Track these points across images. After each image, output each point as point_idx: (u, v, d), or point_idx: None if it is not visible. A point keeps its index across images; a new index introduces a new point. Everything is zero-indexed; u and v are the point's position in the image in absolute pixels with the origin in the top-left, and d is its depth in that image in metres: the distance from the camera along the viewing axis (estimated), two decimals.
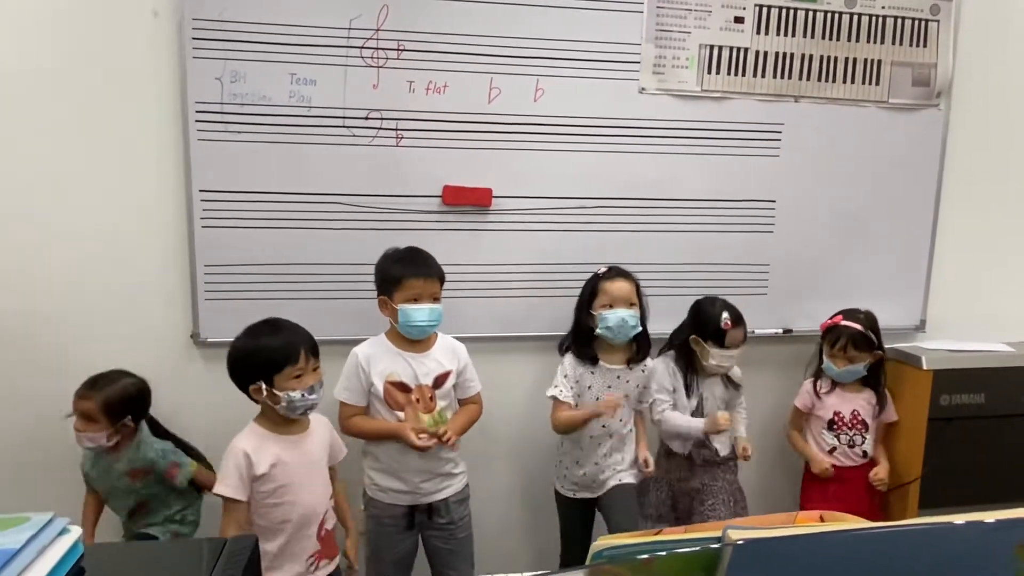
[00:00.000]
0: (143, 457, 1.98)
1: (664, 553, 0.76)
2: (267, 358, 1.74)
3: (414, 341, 2.02)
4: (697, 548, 0.75)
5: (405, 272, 1.97)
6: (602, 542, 0.76)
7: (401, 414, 1.99)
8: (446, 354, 2.06)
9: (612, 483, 2.18)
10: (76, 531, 0.82)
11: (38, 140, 2.05)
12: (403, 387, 1.99)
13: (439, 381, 2.03)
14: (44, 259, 2.10)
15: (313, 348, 1.80)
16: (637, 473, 2.22)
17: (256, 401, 1.78)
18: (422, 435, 1.95)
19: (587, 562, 0.75)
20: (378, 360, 2.00)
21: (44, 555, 0.79)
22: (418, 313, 1.96)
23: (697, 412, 2.27)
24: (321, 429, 1.90)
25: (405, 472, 2.01)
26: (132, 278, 2.16)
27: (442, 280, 2.03)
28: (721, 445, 2.27)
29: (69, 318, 2.13)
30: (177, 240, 2.15)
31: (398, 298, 1.97)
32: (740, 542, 0.72)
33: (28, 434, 2.15)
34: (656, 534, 0.79)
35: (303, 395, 1.74)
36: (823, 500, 2.30)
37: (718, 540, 0.73)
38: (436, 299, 2.00)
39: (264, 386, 1.73)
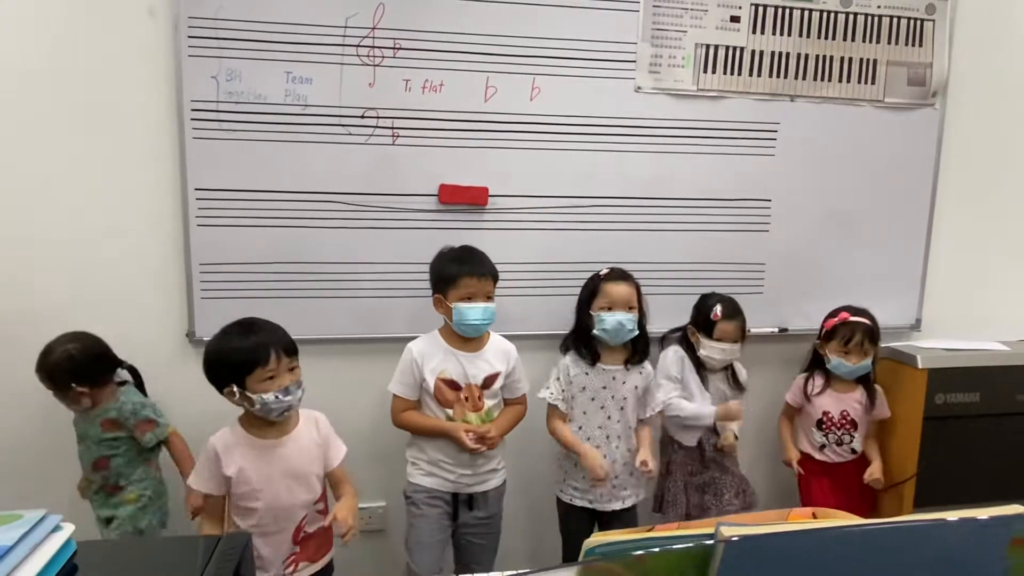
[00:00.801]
0: (118, 407, 2.00)
1: (657, 550, 0.76)
2: (237, 360, 1.68)
3: (467, 339, 2.04)
4: (690, 545, 0.75)
5: (461, 271, 1.99)
6: (595, 539, 0.76)
7: (450, 411, 2.01)
8: (497, 355, 2.08)
9: (615, 504, 2.19)
10: (69, 528, 0.82)
11: (33, 139, 2.04)
12: (453, 385, 2.02)
13: (488, 382, 2.05)
14: (39, 258, 2.10)
15: (288, 348, 1.73)
16: (642, 491, 2.24)
17: (233, 404, 1.74)
18: (470, 434, 1.98)
19: (580, 559, 0.75)
20: (432, 357, 2.02)
21: (37, 552, 0.79)
22: (472, 312, 1.98)
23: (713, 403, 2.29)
24: (310, 432, 1.82)
25: (449, 464, 2.04)
26: (127, 276, 2.15)
27: (496, 279, 2.04)
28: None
29: (65, 317, 2.12)
30: (172, 239, 2.15)
31: (453, 296, 1.98)
32: (733, 539, 0.72)
33: (21, 432, 2.14)
34: (649, 531, 0.79)
35: (277, 397, 1.69)
36: (820, 494, 2.31)
37: (711, 537, 0.74)
38: (490, 298, 2.02)
39: (236, 389, 1.69)
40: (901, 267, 2.63)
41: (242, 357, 1.68)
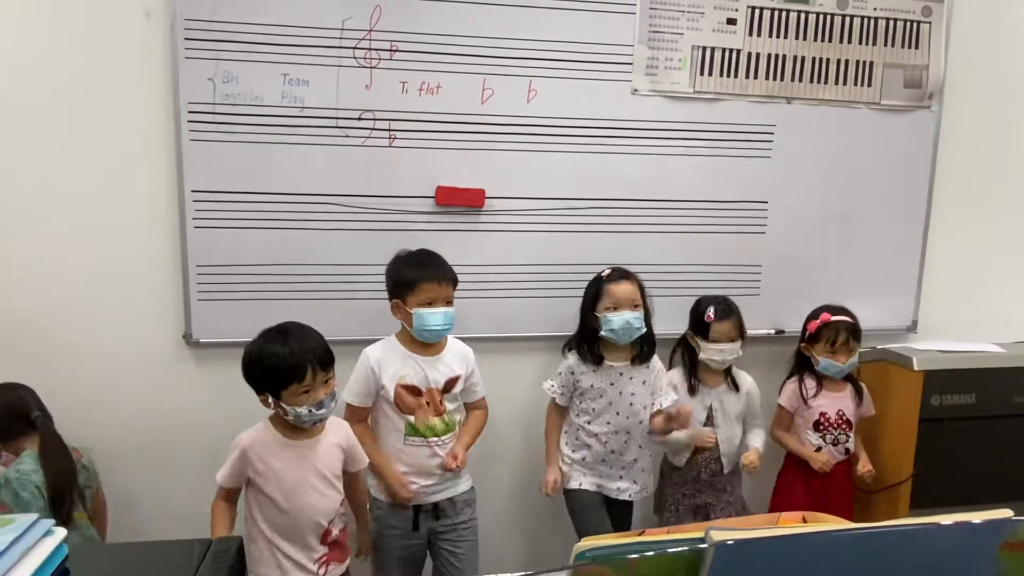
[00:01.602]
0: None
1: (650, 553, 0.76)
2: (273, 371, 1.69)
3: (426, 344, 2.02)
4: (681, 548, 0.75)
5: (420, 276, 1.96)
6: (585, 543, 0.76)
7: (411, 417, 1.99)
8: (456, 358, 2.06)
9: (622, 495, 2.20)
10: (60, 533, 0.82)
11: (29, 141, 2.04)
12: (414, 390, 1.99)
13: (448, 385, 2.03)
14: (36, 260, 2.09)
15: (324, 360, 1.73)
16: (646, 491, 2.26)
17: (267, 407, 1.76)
18: (409, 485, 1.97)
19: (570, 562, 0.75)
20: (390, 363, 2.00)
21: (28, 556, 0.79)
22: (433, 317, 1.95)
23: (708, 422, 2.29)
24: (335, 436, 1.85)
25: (409, 474, 2.01)
26: (124, 279, 2.15)
27: (455, 283, 2.02)
28: (727, 461, 2.29)
29: (61, 319, 2.12)
30: (169, 241, 2.15)
31: (412, 302, 1.96)
32: (724, 543, 0.72)
33: None
34: (639, 535, 0.79)
35: (310, 411, 1.71)
36: (806, 497, 2.30)
37: (701, 541, 0.74)
38: (449, 302, 2.00)
39: (271, 399, 1.71)
40: (897, 269, 2.63)
41: (279, 370, 1.69)
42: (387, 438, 2.02)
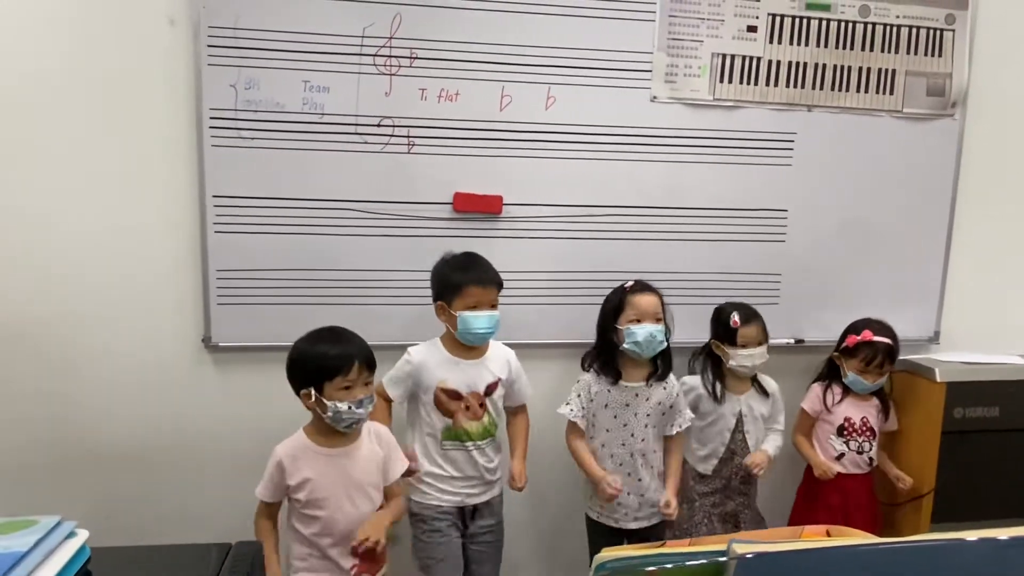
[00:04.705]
0: None
1: (670, 566, 0.76)
2: (319, 364, 1.73)
3: (469, 348, 2.03)
4: (702, 561, 0.75)
5: (466, 279, 1.97)
6: (605, 554, 0.76)
7: (450, 420, 2.00)
8: (498, 363, 2.07)
9: (641, 523, 2.16)
10: (83, 534, 0.83)
11: (53, 145, 2.07)
12: (454, 394, 2.01)
13: (489, 389, 2.04)
14: (58, 262, 2.12)
15: (369, 362, 1.77)
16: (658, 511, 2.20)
17: (306, 407, 1.78)
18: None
19: (590, 574, 0.75)
20: (432, 367, 2.01)
21: (51, 558, 0.79)
22: (478, 321, 1.97)
23: (737, 428, 2.26)
24: (372, 444, 1.84)
25: (452, 479, 2.03)
26: (145, 282, 2.17)
27: (500, 286, 2.03)
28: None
29: (81, 321, 2.14)
30: (190, 245, 2.17)
31: (457, 305, 1.97)
32: (746, 556, 0.71)
33: (37, 436, 2.16)
34: (660, 547, 0.78)
35: (350, 407, 1.72)
36: (827, 509, 2.28)
37: (723, 554, 0.73)
38: (494, 306, 2.01)
39: (314, 392, 1.73)
40: (919, 279, 2.60)
41: (326, 362, 1.73)
42: (424, 439, 2.04)
